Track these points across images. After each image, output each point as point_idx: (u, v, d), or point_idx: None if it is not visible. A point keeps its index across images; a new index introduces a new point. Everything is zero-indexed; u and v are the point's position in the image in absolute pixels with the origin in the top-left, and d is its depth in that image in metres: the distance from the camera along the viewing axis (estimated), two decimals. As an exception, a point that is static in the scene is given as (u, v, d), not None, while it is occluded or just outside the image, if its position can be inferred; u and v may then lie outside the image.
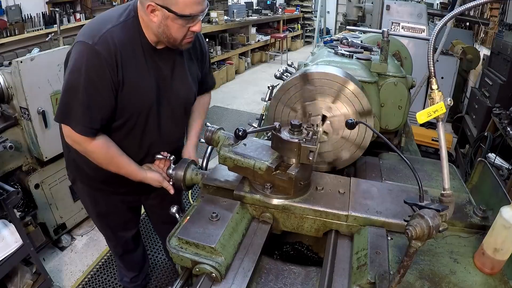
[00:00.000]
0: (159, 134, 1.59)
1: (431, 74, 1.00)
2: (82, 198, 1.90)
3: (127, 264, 2.24)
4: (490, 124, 3.52)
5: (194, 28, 1.38)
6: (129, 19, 1.40)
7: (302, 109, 1.43)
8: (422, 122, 0.98)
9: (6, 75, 2.29)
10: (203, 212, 1.19)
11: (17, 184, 2.55)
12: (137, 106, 1.47)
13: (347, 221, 1.18)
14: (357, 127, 1.37)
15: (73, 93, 1.34)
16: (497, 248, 0.99)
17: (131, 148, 1.56)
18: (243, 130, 1.19)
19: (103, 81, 1.34)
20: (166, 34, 1.36)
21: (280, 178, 1.20)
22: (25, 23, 5.49)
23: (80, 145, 1.44)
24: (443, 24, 1.02)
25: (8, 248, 2.06)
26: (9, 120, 2.41)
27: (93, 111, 1.37)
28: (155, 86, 1.48)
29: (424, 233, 0.81)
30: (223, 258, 1.05)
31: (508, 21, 3.69)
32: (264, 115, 2.62)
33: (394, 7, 4.66)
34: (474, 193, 1.54)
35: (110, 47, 1.33)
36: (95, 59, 1.32)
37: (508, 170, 3.02)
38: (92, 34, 1.34)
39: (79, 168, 1.68)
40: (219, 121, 5.92)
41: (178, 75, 1.55)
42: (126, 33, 1.38)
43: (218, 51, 7.91)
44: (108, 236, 2.06)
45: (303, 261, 1.29)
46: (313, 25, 12.84)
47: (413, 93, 2.47)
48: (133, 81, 1.41)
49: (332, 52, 1.67)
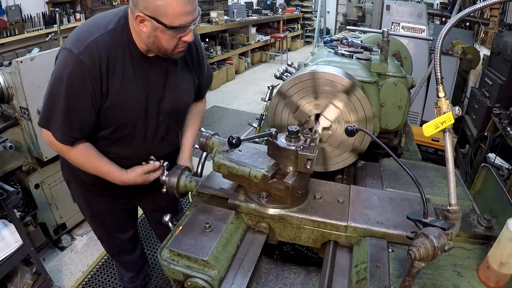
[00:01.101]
0: (148, 145, 1.57)
1: (437, 81, 0.93)
2: (77, 199, 1.90)
3: (125, 265, 2.24)
4: (490, 124, 3.52)
5: (185, 38, 1.33)
6: (118, 27, 1.36)
7: (296, 120, 1.43)
8: (429, 135, 0.91)
9: (6, 75, 2.29)
10: (196, 222, 1.14)
11: (17, 184, 2.55)
12: (123, 117, 1.44)
13: (346, 232, 1.13)
14: (352, 106, 1.35)
15: (55, 100, 1.33)
16: (503, 261, 0.94)
17: (118, 158, 1.54)
18: (237, 137, 1.13)
19: (84, 92, 1.32)
20: (157, 44, 1.32)
21: (277, 187, 1.15)
22: (25, 23, 5.50)
23: (60, 151, 1.46)
24: (450, 27, 0.95)
25: (8, 248, 2.06)
26: (9, 120, 2.41)
27: (73, 120, 1.36)
28: (144, 97, 1.45)
29: (429, 254, 0.77)
30: (216, 271, 1.01)
31: (508, 21, 3.69)
32: (264, 115, 2.62)
33: (394, 7, 4.65)
34: (477, 199, 1.50)
35: (95, 57, 1.30)
36: (78, 69, 1.29)
37: (508, 170, 3.02)
38: (78, 42, 1.31)
39: (72, 169, 1.66)
40: (219, 121, 5.92)
41: (171, 84, 1.51)
42: (114, 42, 1.34)
43: (218, 51, 7.91)
44: (101, 237, 2.05)
45: (303, 261, 1.29)
46: (313, 25, 12.84)
47: (413, 93, 2.47)
48: (119, 92, 1.38)
49: (332, 52, 1.66)
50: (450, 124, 0.90)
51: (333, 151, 1.44)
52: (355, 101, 1.34)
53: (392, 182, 1.41)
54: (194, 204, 1.27)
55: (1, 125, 2.36)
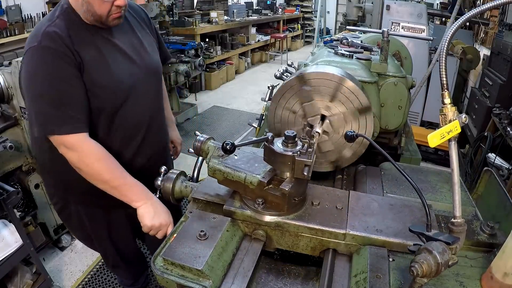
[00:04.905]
0: (143, 112, 1.56)
1: (443, 87, 0.87)
2: (76, 223, 1.75)
3: (128, 274, 2.20)
4: (490, 124, 3.52)
5: (118, 2, 1.33)
6: (63, 11, 1.37)
7: (301, 110, 1.42)
8: (434, 146, 0.86)
9: (6, 75, 2.29)
10: (191, 230, 1.10)
11: (17, 184, 2.55)
12: (106, 84, 1.41)
13: (344, 240, 1.10)
14: (357, 125, 1.35)
15: (42, 99, 1.29)
16: (507, 272, 0.91)
17: (119, 139, 1.50)
18: (231, 143, 1.09)
19: (64, 71, 1.29)
20: (90, 11, 1.32)
21: (273, 194, 1.10)
22: (25, 23, 5.50)
23: (75, 150, 1.34)
24: (455, 29, 0.89)
25: (8, 248, 2.06)
26: (9, 120, 2.41)
27: (71, 105, 1.31)
28: (119, 63, 1.44)
29: (432, 271, 0.73)
30: (210, 281, 0.98)
31: (508, 21, 3.69)
32: (264, 115, 2.62)
33: (394, 7, 4.65)
34: (479, 204, 1.48)
35: (55, 37, 1.29)
36: (47, 55, 1.27)
37: (508, 170, 3.03)
38: (34, 38, 1.31)
39: (71, 187, 1.57)
40: (219, 121, 5.93)
41: (136, 49, 1.53)
42: (67, 23, 1.34)
43: (218, 51, 7.91)
44: (105, 250, 1.92)
45: (303, 261, 1.28)
46: (313, 25, 12.85)
47: (413, 93, 2.47)
48: (93, 60, 1.36)
49: (332, 52, 1.66)
50: (456, 133, 0.84)
51: (318, 154, 1.42)
52: (364, 122, 1.34)
53: (393, 187, 1.38)
54: (189, 210, 1.23)
55: (1, 125, 2.37)
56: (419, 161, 1.96)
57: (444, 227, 1.15)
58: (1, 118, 2.40)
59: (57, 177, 1.60)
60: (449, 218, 1.16)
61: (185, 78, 5.31)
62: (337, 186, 1.48)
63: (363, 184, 1.43)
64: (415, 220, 1.11)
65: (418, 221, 1.10)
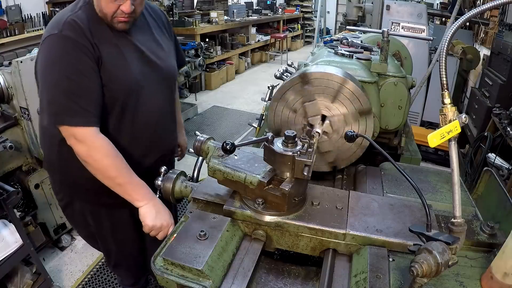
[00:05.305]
0: (153, 114, 1.56)
1: (443, 87, 0.87)
2: (80, 220, 1.75)
3: (130, 274, 2.18)
4: (490, 124, 3.52)
5: (123, 7, 1.34)
6: (85, 3, 1.39)
7: (302, 110, 1.42)
8: (434, 146, 0.86)
9: (6, 75, 2.29)
10: (191, 230, 1.10)
11: (17, 184, 2.55)
12: (122, 81, 1.42)
13: (344, 240, 1.10)
14: (357, 127, 1.36)
15: (57, 88, 1.29)
16: (507, 272, 0.90)
17: (128, 138, 1.51)
18: (231, 143, 1.09)
19: (83, 63, 1.30)
20: (99, 7, 1.35)
21: (273, 194, 1.11)
22: (25, 23, 5.49)
23: (84, 143, 1.33)
24: (455, 29, 0.89)
25: (8, 248, 2.06)
26: (9, 120, 2.41)
27: (86, 98, 1.31)
28: (136, 62, 1.45)
29: (432, 271, 0.74)
30: (210, 281, 0.98)
31: (508, 21, 3.69)
32: (264, 115, 2.62)
33: (394, 7, 4.66)
34: (479, 204, 1.48)
35: (77, 28, 1.30)
36: (67, 44, 1.28)
37: (508, 170, 3.02)
38: (55, 25, 1.32)
39: (77, 184, 1.57)
40: (219, 121, 5.93)
41: (154, 51, 1.54)
42: (88, 15, 1.36)
43: (218, 51, 7.91)
44: (109, 251, 1.91)
45: (303, 261, 1.28)
46: (313, 25, 12.85)
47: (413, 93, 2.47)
48: (111, 56, 1.37)
49: (332, 52, 1.66)
50: (456, 133, 0.85)
51: (317, 155, 1.41)
52: (364, 124, 1.34)
53: (393, 187, 1.38)
54: (189, 210, 1.23)
55: (1, 125, 2.37)
56: (419, 161, 1.96)
57: (444, 227, 1.15)
58: (1, 118, 2.41)
59: (64, 173, 1.60)
60: (449, 218, 1.15)
61: (185, 78, 5.30)
62: (337, 186, 1.48)
63: (363, 184, 1.43)
64: (415, 220, 1.11)
65: (418, 221, 1.10)
